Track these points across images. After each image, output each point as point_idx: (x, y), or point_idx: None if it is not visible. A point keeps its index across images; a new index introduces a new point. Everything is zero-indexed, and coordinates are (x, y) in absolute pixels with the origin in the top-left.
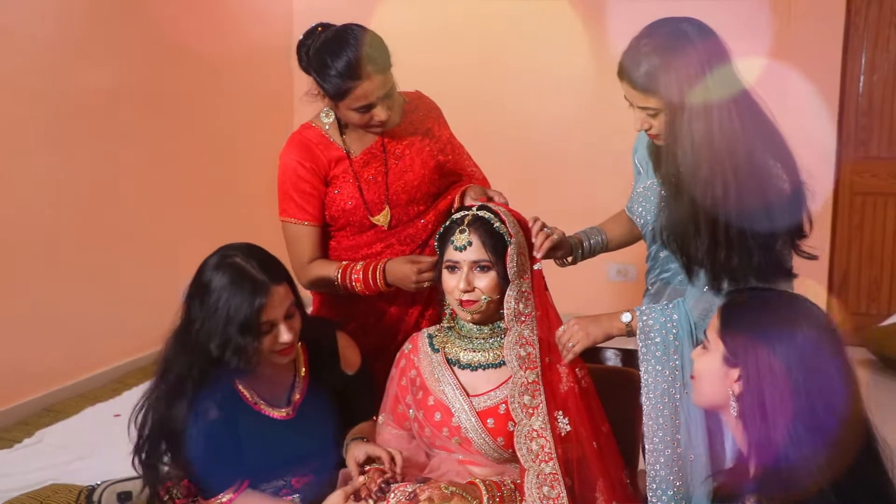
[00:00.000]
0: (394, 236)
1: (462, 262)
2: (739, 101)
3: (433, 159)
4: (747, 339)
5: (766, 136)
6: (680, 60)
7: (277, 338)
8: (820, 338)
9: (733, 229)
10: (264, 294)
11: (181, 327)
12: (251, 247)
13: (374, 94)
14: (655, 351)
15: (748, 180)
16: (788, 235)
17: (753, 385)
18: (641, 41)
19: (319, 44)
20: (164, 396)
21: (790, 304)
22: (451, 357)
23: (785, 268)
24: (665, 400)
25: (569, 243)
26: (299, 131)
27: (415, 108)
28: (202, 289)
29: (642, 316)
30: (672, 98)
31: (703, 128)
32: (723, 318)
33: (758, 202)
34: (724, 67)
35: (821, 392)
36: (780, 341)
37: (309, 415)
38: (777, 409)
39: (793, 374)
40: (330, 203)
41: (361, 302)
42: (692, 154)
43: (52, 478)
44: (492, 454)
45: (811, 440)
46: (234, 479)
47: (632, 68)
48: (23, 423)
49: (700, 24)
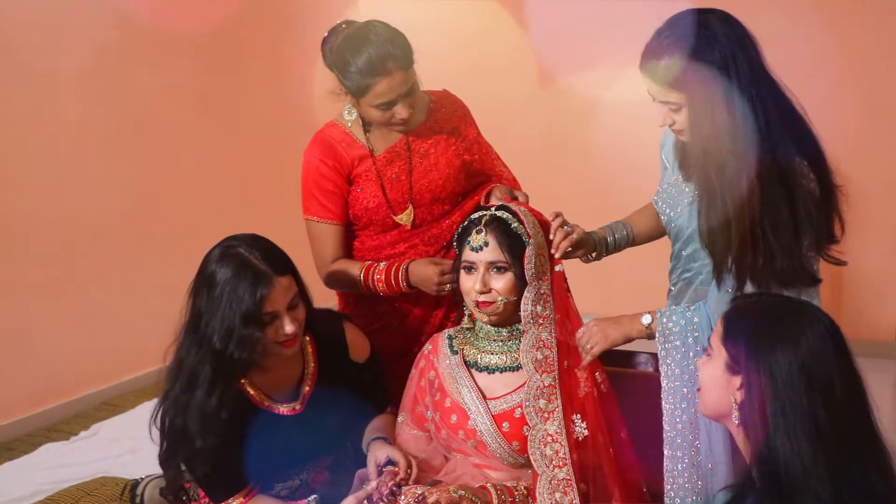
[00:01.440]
0: (418, 236)
1: (478, 262)
2: (764, 96)
3: (459, 158)
4: (749, 347)
5: (793, 132)
6: (701, 54)
7: (280, 329)
8: (823, 346)
9: (758, 230)
10: (266, 285)
11: (190, 322)
12: (255, 237)
13: (394, 91)
14: (676, 354)
15: (772, 179)
16: (815, 239)
17: (754, 393)
18: (663, 34)
19: (341, 40)
20: (179, 395)
21: (794, 310)
22: (469, 359)
23: (808, 274)
24: (684, 406)
25: (591, 240)
26: (323, 130)
27: (441, 106)
28: (207, 281)
29: (662, 318)
30: (693, 93)
31: (726, 123)
32: (726, 325)
33: (782, 203)
34: (749, 60)
35: (824, 402)
36: (782, 349)
37: (319, 407)
38: (778, 418)
39: (794, 382)
40: (353, 202)
41: (386, 302)
42: (717, 151)
43: (103, 470)
44: (507, 458)
45: (812, 451)
46: (243, 484)
47: (652, 62)
48: (81, 415)
49: (725, 16)
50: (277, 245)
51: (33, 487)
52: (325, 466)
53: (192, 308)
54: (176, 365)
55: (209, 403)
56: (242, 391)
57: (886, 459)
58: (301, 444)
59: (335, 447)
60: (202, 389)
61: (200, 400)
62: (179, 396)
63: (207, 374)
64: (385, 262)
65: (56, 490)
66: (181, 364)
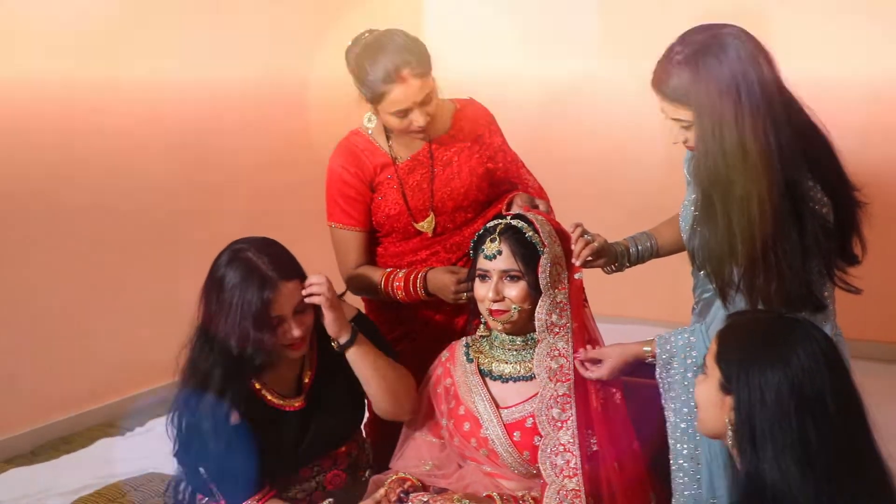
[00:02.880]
0: (440, 244)
1: (492, 270)
2: (777, 115)
3: (482, 167)
4: (740, 366)
5: (808, 153)
6: (712, 71)
7: (287, 333)
8: (816, 365)
9: (770, 253)
10: (272, 289)
11: (202, 325)
12: (264, 242)
13: (410, 99)
14: (674, 384)
15: (781, 201)
16: (825, 265)
17: (744, 413)
18: (674, 49)
19: (360, 48)
20: (190, 396)
21: (787, 328)
22: (484, 367)
23: (816, 298)
24: (685, 439)
25: (613, 251)
26: (347, 137)
27: (465, 114)
28: (216, 284)
29: (664, 344)
30: (702, 110)
31: (735, 142)
32: (719, 343)
33: (791, 226)
34: (761, 78)
35: (815, 423)
36: (773, 368)
37: (321, 398)
38: (766, 439)
39: (785, 403)
40: (375, 209)
41: (408, 309)
42: (725, 170)
43: (153, 466)
44: (518, 468)
45: (800, 474)
46: (259, 485)
47: (663, 78)
48: (137, 412)
49: (739, 32)
50: (287, 249)
51: (86, 481)
52: (343, 468)
53: (202, 311)
54: (188, 366)
55: (220, 406)
56: (253, 390)
57: (887, 480)
58: (309, 437)
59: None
60: (213, 392)
61: (212, 402)
62: (191, 397)
63: (218, 376)
64: (405, 270)
65: (105, 484)
66: (193, 366)
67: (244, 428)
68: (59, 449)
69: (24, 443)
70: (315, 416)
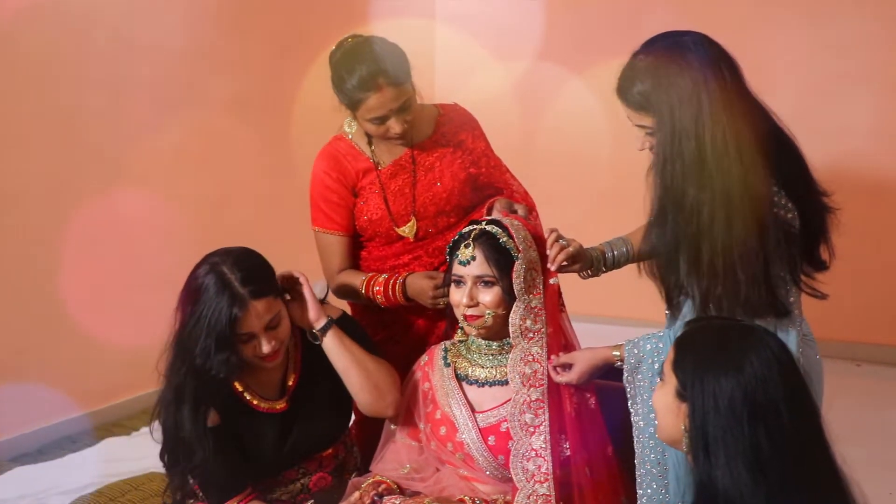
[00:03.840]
0: (422, 248)
1: (466, 276)
2: (739, 122)
3: (464, 171)
4: (695, 373)
5: (772, 159)
6: (673, 78)
7: (258, 348)
8: (769, 373)
9: (719, 259)
10: (241, 308)
11: (178, 331)
12: (242, 255)
13: (385, 107)
14: (641, 390)
15: (742, 208)
16: (788, 270)
17: (698, 420)
18: (638, 57)
19: (339, 55)
20: (169, 403)
21: (741, 335)
22: (461, 372)
23: (778, 304)
24: (652, 444)
25: (588, 256)
26: (330, 142)
27: (449, 119)
28: (192, 294)
29: (632, 349)
30: (663, 117)
31: (693, 149)
32: (676, 351)
33: (751, 233)
34: (722, 84)
35: (767, 431)
36: (726, 375)
37: (305, 401)
38: (719, 447)
39: (737, 410)
40: (357, 213)
41: (391, 312)
42: (681, 177)
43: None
44: (493, 472)
45: (752, 481)
46: (240, 487)
47: (625, 86)
48: (144, 412)
49: (702, 39)
50: (266, 261)
51: (90, 480)
52: (329, 471)
53: (178, 319)
54: (167, 373)
55: (195, 417)
56: (234, 392)
57: (842, 487)
58: (293, 439)
59: (330, 443)
60: (188, 403)
61: (187, 413)
62: (170, 405)
63: (191, 385)
64: (385, 275)
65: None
66: (170, 373)
67: (224, 430)
68: (64, 448)
69: (30, 442)
70: (298, 419)
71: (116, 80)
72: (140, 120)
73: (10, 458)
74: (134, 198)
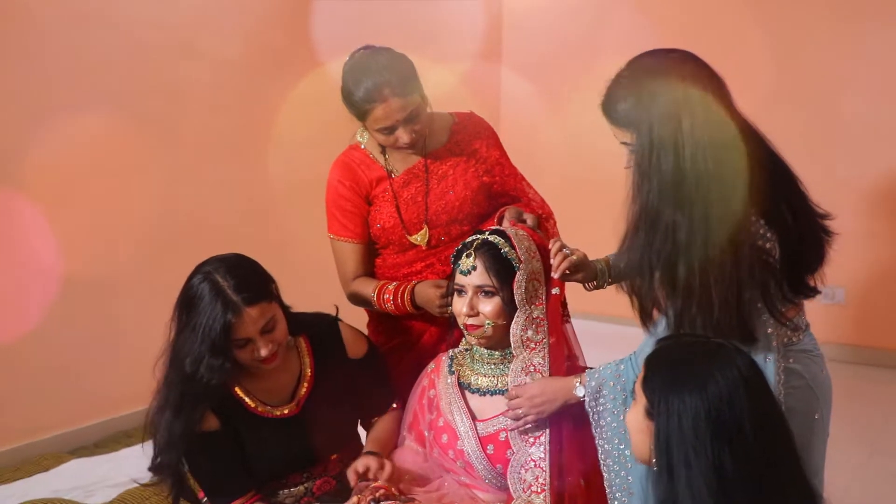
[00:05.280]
0: (435, 256)
1: (467, 286)
2: (720, 143)
3: (477, 180)
4: (661, 392)
5: (758, 182)
6: (654, 96)
7: (255, 352)
8: (734, 391)
9: (695, 279)
10: (234, 315)
11: (173, 339)
12: (235, 262)
13: (391, 118)
14: (604, 413)
15: (719, 229)
16: (762, 298)
17: (662, 439)
18: (621, 74)
19: (348, 67)
20: (163, 409)
21: (707, 353)
22: (464, 380)
23: (746, 329)
24: (617, 468)
25: (593, 266)
26: (345, 152)
27: (463, 128)
28: (185, 304)
29: (593, 374)
30: (642, 136)
31: (671, 166)
32: (646, 369)
33: (726, 255)
34: (705, 105)
35: (731, 450)
36: (691, 394)
37: (316, 409)
38: (681, 466)
39: (700, 430)
40: (371, 221)
41: (405, 319)
42: (658, 195)
43: None
44: (493, 481)
45: (713, 502)
46: (243, 489)
47: (608, 103)
48: None
49: (686, 56)
50: (260, 266)
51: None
52: (334, 475)
53: (176, 325)
54: (161, 380)
55: (175, 425)
56: (234, 396)
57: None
58: (296, 446)
59: (334, 447)
60: (170, 409)
61: (168, 417)
62: (163, 410)
63: (176, 396)
64: (395, 283)
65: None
66: (164, 380)
67: (222, 434)
68: (120, 442)
69: (88, 435)
70: (307, 426)
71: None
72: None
73: (70, 450)
74: (194, 198)
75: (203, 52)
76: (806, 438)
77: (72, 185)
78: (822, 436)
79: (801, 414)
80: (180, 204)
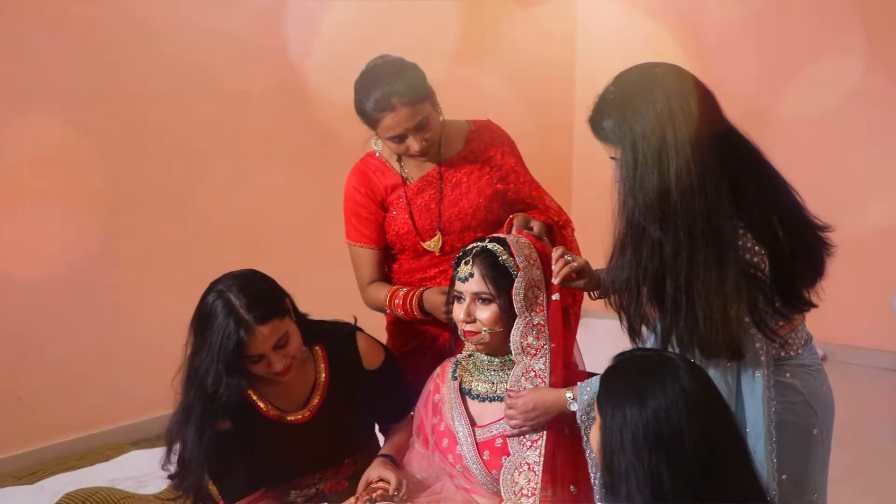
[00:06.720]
0: (448, 262)
1: (465, 292)
2: (708, 156)
3: (491, 187)
4: (608, 408)
5: (741, 197)
6: (639, 111)
7: (270, 367)
8: (674, 406)
9: (682, 295)
10: (247, 332)
11: (190, 355)
12: (248, 280)
13: (401, 126)
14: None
15: (705, 244)
16: (749, 313)
17: (607, 454)
18: (608, 90)
19: (360, 77)
20: (185, 424)
21: (653, 369)
22: (465, 386)
23: (728, 345)
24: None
25: (595, 274)
26: (362, 159)
27: (478, 136)
28: (202, 319)
29: (584, 386)
30: (627, 151)
31: (656, 182)
32: (601, 385)
33: (711, 270)
34: (688, 118)
35: (669, 464)
36: (630, 409)
37: (329, 417)
38: (621, 480)
39: (638, 444)
40: (387, 227)
41: (420, 324)
42: (644, 210)
43: None
44: (489, 486)
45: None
46: (253, 488)
47: (595, 119)
48: None
49: (672, 70)
50: (273, 282)
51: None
52: (346, 477)
53: (192, 342)
54: (182, 394)
55: (199, 438)
56: (249, 400)
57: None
58: (308, 450)
59: (347, 453)
60: (194, 425)
61: (192, 435)
62: (179, 424)
63: (199, 411)
64: (405, 289)
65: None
66: (182, 394)
67: (233, 435)
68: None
69: (150, 427)
70: (316, 433)
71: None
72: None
73: (132, 441)
74: (257, 199)
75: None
76: (804, 453)
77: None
78: (821, 451)
79: (799, 429)
80: (242, 202)
